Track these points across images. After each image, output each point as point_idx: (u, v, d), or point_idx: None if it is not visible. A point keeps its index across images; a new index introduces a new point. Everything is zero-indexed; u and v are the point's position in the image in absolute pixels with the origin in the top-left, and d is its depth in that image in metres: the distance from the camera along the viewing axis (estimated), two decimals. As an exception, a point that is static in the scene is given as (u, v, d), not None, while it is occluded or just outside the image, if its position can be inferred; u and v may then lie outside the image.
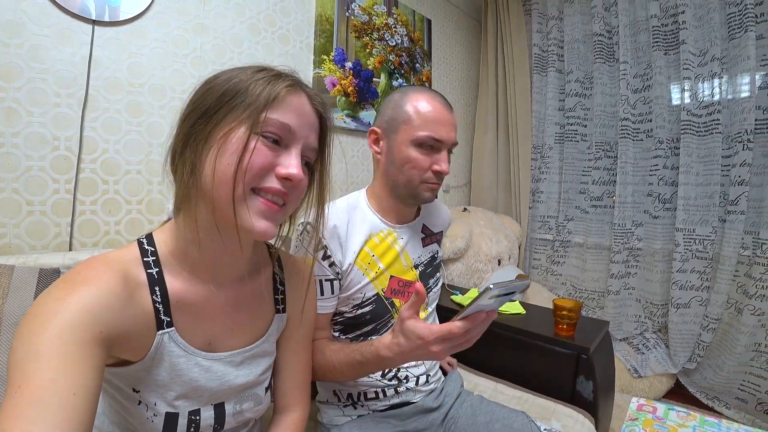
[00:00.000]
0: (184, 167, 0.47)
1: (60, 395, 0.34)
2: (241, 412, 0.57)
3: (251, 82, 0.47)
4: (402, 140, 0.80)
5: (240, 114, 0.46)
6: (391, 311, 0.84)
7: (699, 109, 1.70)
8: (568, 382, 1.16)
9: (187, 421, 0.51)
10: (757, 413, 1.58)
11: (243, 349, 0.57)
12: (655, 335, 1.86)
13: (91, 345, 0.38)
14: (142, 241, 0.51)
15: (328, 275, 0.78)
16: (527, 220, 2.23)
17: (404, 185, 0.81)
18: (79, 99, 1.04)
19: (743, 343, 1.59)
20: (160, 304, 0.48)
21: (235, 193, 0.45)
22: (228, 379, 0.55)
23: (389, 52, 1.84)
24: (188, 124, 0.48)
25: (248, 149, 0.45)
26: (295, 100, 0.49)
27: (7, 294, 0.69)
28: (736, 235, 1.60)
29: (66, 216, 1.03)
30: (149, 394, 0.49)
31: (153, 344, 0.48)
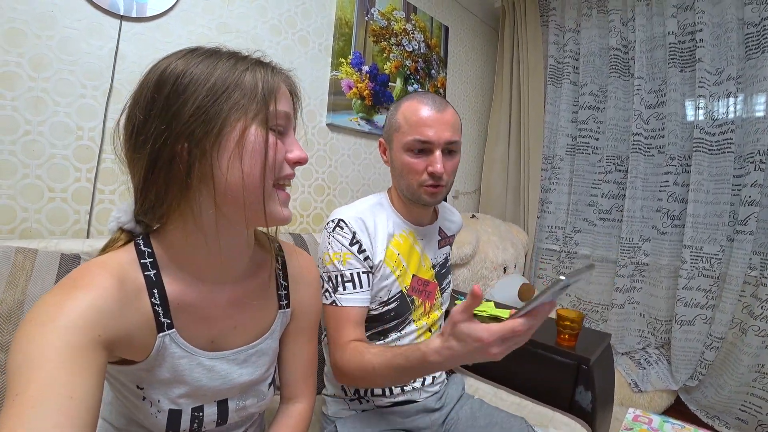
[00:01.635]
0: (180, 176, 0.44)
1: (58, 400, 0.33)
2: (244, 408, 0.58)
3: (242, 73, 0.45)
4: (396, 148, 0.83)
5: (246, 110, 0.45)
6: (411, 309, 0.86)
7: (712, 128, 1.70)
8: (567, 392, 1.17)
9: (191, 417, 0.52)
10: (758, 435, 1.57)
11: (246, 347, 0.57)
12: (658, 351, 1.86)
13: (90, 349, 0.38)
14: (138, 243, 0.49)
15: (364, 268, 0.79)
16: (535, 230, 2.24)
17: (407, 189, 0.84)
18: (104, 91, 1.07)
19: (746, 364, 1.58)
20: (159, 307, 0.48)
21: (266, 190, 0.46)
22: (231, 378, 0.55)
23: (406, 58, 1.86)
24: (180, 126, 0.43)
25: (271, 147, 0.46)
26: (282, 85, 0.49)
27: (30, 277, 0.72)
28: (744, 255, 1.60)
29: (85, 204, 1.06)
30: (152, 392, 0.50)
31: (154, 346, 0.48)
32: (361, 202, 0.88)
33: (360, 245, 0.79)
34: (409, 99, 0.83)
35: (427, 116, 0.79)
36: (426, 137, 0.78)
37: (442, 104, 0.82)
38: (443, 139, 0.79)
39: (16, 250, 0.74)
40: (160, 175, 0.45)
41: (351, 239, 0.79)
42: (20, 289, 0.70)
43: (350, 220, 0.80)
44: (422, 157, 0.80)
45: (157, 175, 0.45)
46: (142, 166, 0.45)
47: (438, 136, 0.79)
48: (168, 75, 0.44)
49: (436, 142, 0.79)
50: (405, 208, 0.89)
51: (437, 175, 0.79)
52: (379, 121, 1.75)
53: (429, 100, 0.81)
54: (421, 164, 0.80)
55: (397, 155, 0.83)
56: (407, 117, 0.80)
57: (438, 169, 0.78)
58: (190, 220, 0.47)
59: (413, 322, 0.87)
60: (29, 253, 0.74)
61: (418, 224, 0.91)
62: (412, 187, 0.82)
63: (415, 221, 0.90)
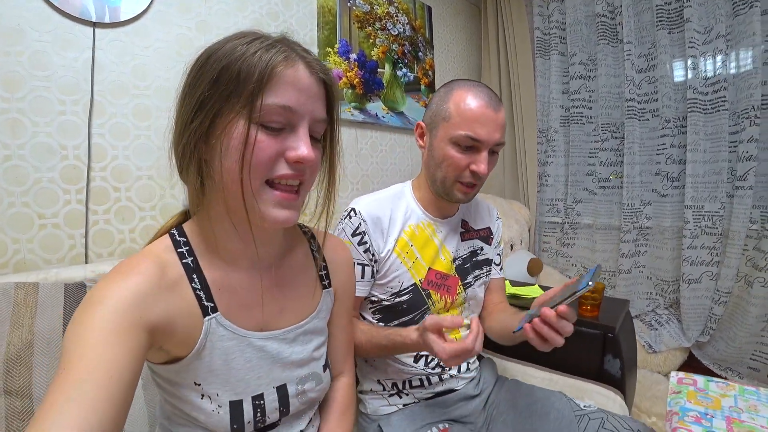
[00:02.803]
0: (189, 166, 0.46)
1: (98, 380, 0.36)
2: (304, 393, 0.57)
3: (242, 60, 0.43)
4: (441, 137, 0.79)
5: (235, 103, 0.43)
6: (427, 303, 0.84)
7: (705, 87, 1.70)
8: (595, 362, 1.18)
9: (252, 406, 0.52)
10: (771, 382, 1.62)
11: (295, 326, 0.57)
12: (667, 311, 1.89)
13: (131, 330, 0.40)
14: (173, 233, 0.51)
15: (362, 260, 0.81)
16: (535, 204, 2.23)
17: (440, 181, 0.81)
18: (84, 105, 0.99)
19: (754, 315, 1.62)
20: (201, 291, 0.49)
21: (244, 191, 0.44)
22: (283, 357, 0.55)
23: (392, 42, 1.80)
24: (185, 118, 0.45)
25: (249, 144, 0.43)
26: (291, 73, 0.45)
27: (35, 314, 0.67)
28: (745, 209, 1.62)
29: (79, 227, 1.00)
30: (210, 386, 0.49)
31: (202, 332, 0.48)
32: (382, 191, 0.89)
33: (362, 237, 0.80)
34: (462, 87, 0.78)
35: (482, 114, 0.75)
36: (478, 135, 0.75)
37: (497, 103, 0.78)
38: (493, 140, 0.76)
39: (16, 286, 0.68)
40: (185, 166, 0.47)
41: (354, 230, 0.81)
42: (26, 328, 0.65)
43: (362, 210, 0.81)
44: (467, 154, 0.77)
45: (184, 166, 0.47)
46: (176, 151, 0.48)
47: (489, 136, 0.76)
48: (193, 62, 0.46)
49: (486, 143, 0.76)
50: (427, 199, 0.87)
51: (480, 175, 0.77)
52: (371, 110, 1.70)
53: (485, 95, 0.77)
54: (464, 161, 0.77)
55: (440, 145, 0.79)
56: (461, 109, 0.76)
57: (483, 169, 0.76)
58: (215, 208, 0.49)
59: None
60: (30, 288, 0.69)
61: (439, 216, 0.88)
62: (448, 180, 0.80)
63: (437, 213, 0.88)
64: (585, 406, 0.85)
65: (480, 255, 0.94)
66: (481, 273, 0.94)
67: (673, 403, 0.68)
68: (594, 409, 0.85)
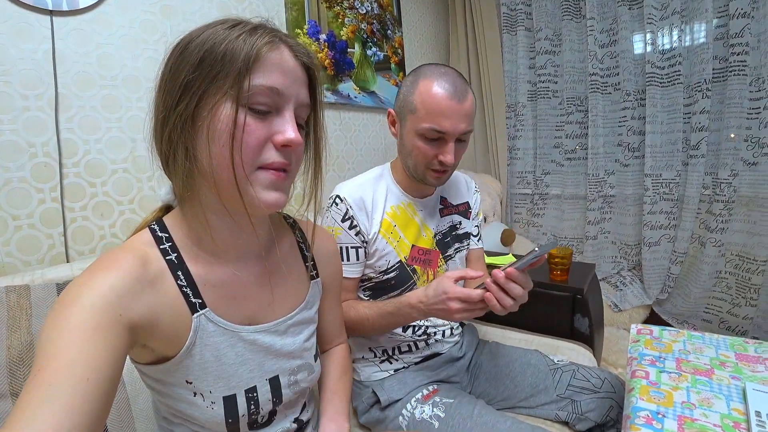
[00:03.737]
0: (176, 153, 0.44)
1: (74, 381, 0.34)
2: (296, 383, 0.58)
3: (227, 43, 0.42)
4: (409, 129, 0.81)
5: (222, 84, 0.42)
6: (413, 277, 0.89)
7: (662, 62, 1.79)
8: (566, 321, 1.28)
9: (246, 399, 0.52)
10: (720, 330, 1.79)
11: (284, 318, 0.57)
12: (631, 273, 2.04)
13: (110, 328, 0.38)
14: (154, 228, 0.49)
15: (355, 243, 0.84)
16: (506, 177, 2.31)
17: (413, 168, 0.84)
18: (49, 99, 0.96)
19: (707, 272, 1.77)
20: (187, 287, 0.47)
21: (236, 175, 0.43)
22: (275, 349, 0.55)
23: (361, 21, 1.78)
24: (169, 103, 0.43)
25: (239, 126, 0.42)
26: (276, 56, 0.44)
27: (31, 315, 0.67)
28: (698, 176, 1.75)
29: (57, 226, 0.98)
30: (202, 383, 0.49)
31: (191, 329, 0.47)
32: (363, 176, 0.91)
33: (352, 221, 0.83)
34: (428, 77, 0.78)
35: (446, 106, 0.76)
36: (443, 128, 0.76)
37: (463, 91, 0.77)
38: (459, 131, 0.78)
39: (6, 290, 0.68)
40: (171, 153, 0.45)
41: (343, 216, 0.83)
42: (24, 330, 0.65)
43: (347, 196, 0.84)
44: (434, 145, 0.79)
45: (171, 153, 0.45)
46: (158, 141, 0.46)
47: (454, 127, 0.77)
48: (172, 49, 0.45)
49: (452, 134, 0.77)
50: (406, 181, 0.90)
51: (447, 165, 0.80)
52: (343, 90, 1.70)
53: (449, 84, 0.77)
54: (431, 151, 0.79)
55: (408, 136, 0.82)
56: (425, 101, 0.77)
57: (449, 160, 0.78)
58: (200, 197, 0.47)
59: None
60: (22, 291, 0.69)
61: (418, 196, 0.92)
62: (419, 168, 0.83)
63: (415, 193, 0.91)
64: (558, 361, 0.95)
65: (459, 229, 0.98)
66: (461, 246, 0.99)
67: (633, 350, 0.77)
68: (566, 363, 0.94)
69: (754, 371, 0.68)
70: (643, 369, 0.69)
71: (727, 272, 1.77)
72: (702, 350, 0.74)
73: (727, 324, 1.77)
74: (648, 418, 0.57)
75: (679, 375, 0.67)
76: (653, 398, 0.61)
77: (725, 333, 1.76)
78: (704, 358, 0.72)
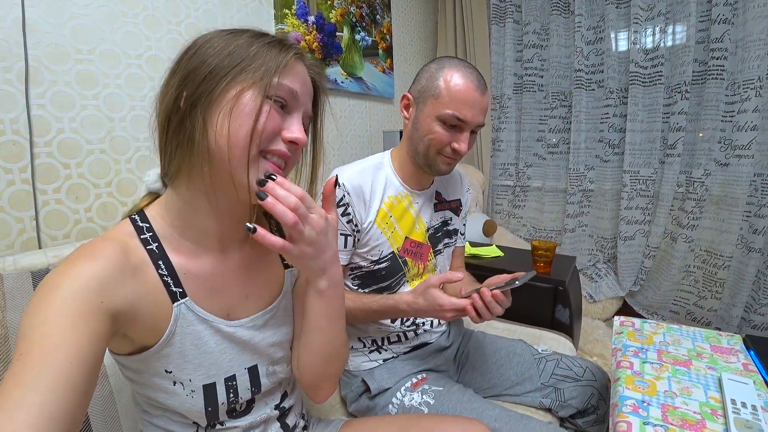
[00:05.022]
0: (186, 132, 0.46)
1: (57, 364, 0.35)
2: (274, 373, 0.59)
3: (260, 46, 0.47)
4: (428, 113, 0.81)
5: (250, 76, 0.46)
6: (404, 269, 0.89)
7: (645, 61, 1.84)
8: (547, 311, 1.33)
9: (225, 388, 0.53)
10: (687, 321, 1.89)
11: (262, 312, 0.57)
12: (606, 265, 2.12)
13: (91, 315, 0.39)
14: (134, 218, 0.50)
15: (345, 230, 0.84)
16: (489, 169, 2.34)
17: (423, 154, 0.84)
18: (18, 73, 0.89)
19: (677, 266, 1.86)
20: (168, 277, 0.48)
21: (250, 154, 0.45)
22: (254, 342, 0.56)
23: (350, 4, 1.74)
24: (193, 86, 0.46)
25: (263, 111, 0.46)
26: (300, 68, 0.50)
27: (5, 307, 0.63)
28: (673, 174, 1.82)
29: (28, 209, 0.92)
30: (181, 372, 0.49)
31: (171, 318, 0.48)
32: (362, 162, 0.90)
33: (346, 209, 0.82)
34: (453, 67, 0.80)
35: (470, 96, 0.79)
36: (464, 116, 0.79)
37: (484, 86, 0.82)
38: (476, 122, 0.80)
39: (-24, 279, 0.63)
40: (172, 133, 0.47)
41: (338, 202, 0.82)
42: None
43: (346, 182, 0.83)
44: (450, 132, 0.81)
45: (171, 133, 0.47)
46: (161, 122, 0.48)
47: (474, 118, 0.80)
48: (195, 42, 0.48)
49: (470, 124, 0.80)
50: (406, 171, 0.89)
51: (460, 153, 0.82)
52: (331, 75, 1.66)
53: (474, 77, 0.80)
54: (447, 138, 0.81)
55: (426, 120, 0.82)
56: (451, 89, 0.79)
57: (463, 149, 0.81)
58: (194, 178, 0.48)
59: (407, 283, 0.91)
60: (-7, 279, 0.64)
61: (416, 188, 0.91)
62: (431, 153, 0.83)
63: (414, 185, 0.91)
64: (542, 350, 0.98)
65: (450, 225, 0.99)
66: (450, 242, 1.00)
67: (617, 342, 0.80)
68: (550, 353, 0.97)
69: (728, 362, 0.72)
70: (628, 360, 0.72)
71: (695, 267, 1.86)
72: (680, 342, 0.78)
73: (693, 315, 1.87)
74: (635, 406, 0.60)
75: (661, 365, 0.70)
76: (638, 387, 0.64)
77: (691, 324, 1.87)
78: (682, 349, 0.76)
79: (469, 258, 1.55)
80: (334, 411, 0.95)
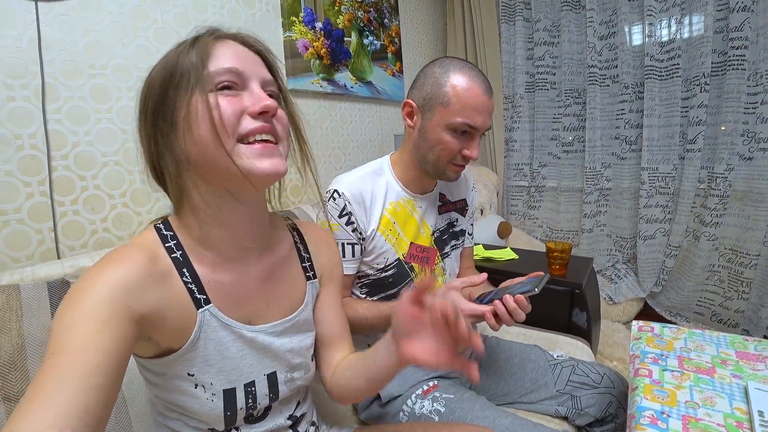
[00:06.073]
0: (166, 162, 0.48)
1: (86, 365, 0.37)
2: (292, 380, 0.59)
3: (178, 55, 0.46)
4: (437, 122, 0.79)
5: (184, 84, 0.45)
6: (411, 275, 0.88)
7: (661, 54, 1.78)
8: (564, 315, 1.29)
9: (244, 393, 0.54)
10: (712, 323, 1.82)
11: (282, 320, 0.58)
12: (625, 265, 2.06)
13: (120, 319, 0.40)
14: (159, 227, 0.51)
15: (351, 239, 0.83)
16: (503, 169, 2.31)
17: (432, 163, 0.83)
18: (35, 89, 0.92)
19: (700, 266, 1.79)
20: (192, 284, 0.49)
21: (226, 148, 0.45)
22: (273, 348, 0.57)
23: (357, 9, 1.74)
24: (150, 127, 0.47)
25: (213, 107, 0.44)
26: (224, 47, 0.48)
27: (22, 316, 0.65)
28: (694, 170, 1.75)
29: (46, 221, 0.95)
30: (204, 375, 0.50)
31: (196, 324, 0.49)
32: (361, 169, 0.89)
33: (349, 217, 0.82)
34: (458, 71, 0.78)
35: (481, 102, 0.77)
36: (475, 123, 0.77)
37: (490, 89, 0.80)
38: (486, 126, 0.80)
39: (-5, 290, 0.65)
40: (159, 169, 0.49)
41: (341, 211, 0.82)
42: (15, 332, 0.63)
43: (345, 190, 0.82)
44: (461, 139, 0.79)
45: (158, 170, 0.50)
46: (150, 169, 0.51)
47: (484, 123, 0.79)
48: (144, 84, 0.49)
49: (481, 129, 0.79)
50: (408, 176, 0.88)
51: (472, 159, 0.81)
52: (340, 80, 1.66)
53: (480, 80, 0.78)
54: (458, 146, 0.80)
55: (435, 129, 0.80)
56: (461, 95, 0.76)
57: (475, 155, 0.80)
58: (193, 201, 0.49)
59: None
60: (11, 291, 0.66)
61: (419, 192, 0.90)
62: (441, 162, 0.82)
63: (417, 190, 0.90)
64: (558, 356, 0.95)
65: (456, 226, 0.98)
66: (457, 243, 0.98)
67: (635, 348, 0.77)
68: (566, 358, 0.94)
69: (755, 369, 0.68)
70: (646, 367, 0.69)
71: (720, 266, 1.78)
72: (703, 348, 0.75)
73: (719, 317, 1.80)
74: (653, 417, 0.57)
75: (682, 373, 0.67)
76: (657, 397, 0.61)
77: (717, 326, 1.79)
78: (705, 356, 0.72)
79: (482, 261, 1.53)
80: (345, 418, 0.95)
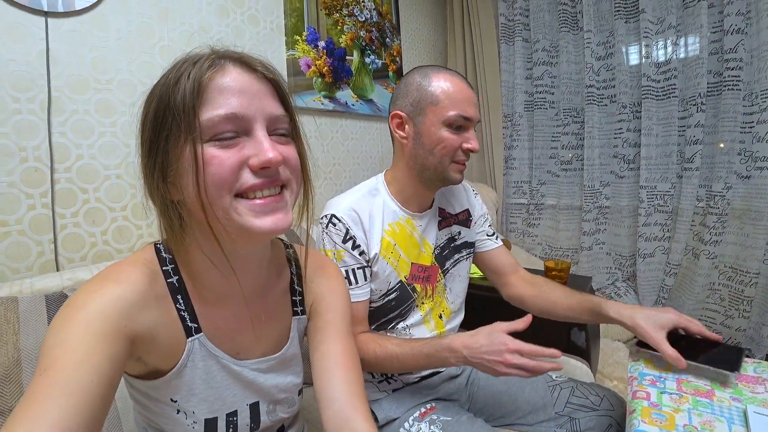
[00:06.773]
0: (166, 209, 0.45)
1: (80, 381, 0.36)
2: (274, 411, 0.58)
3: (172, 85, 0.41)
4: (432, 121, 0.80)
5: (178, 132, 0.41)
6: (413, 296, 0.87)
7: (657, 75, 1.81)
8: (563, 335, 1.28)
9: (226, 423, 0.53)
10: (713, 343, 1.80)
11: (268, 357, 0.57)
12: (625, 284, 2.05)
13: (113, 337, 0.40)
14: (158, 248, 0.50)
15: (360, 263, 0.81)
16: (502, 187, 2.31)
17: (434, 167, 0.81)
18: (41, 103, 0.94)
19: (700, 284, 1.78)
20: (185, 312, 0.49)
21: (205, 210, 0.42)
22: (258, 382, 0.56)
23: (360, 28, 1.78)
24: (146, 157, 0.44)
25: (199, 164, 0.40)
26: (223, 80, 0.42)
27: (19, 330, 0.65)
28: (692, 189, 1.76)
29: (47, 232, 0.95)
30: (187, 403, 0.50)
31: (184, 352, 0.48)
32: (354, 191, 0.87)
33: (354, 241, 0.79)
34: (438, 72, 0.81)
35: (467, 93, 0.80)
36: (468, 114, 0.79)
37: (470, 84, 0.84)
38: (477, 118, 0.82)
39: (-7, 302, 0.65)
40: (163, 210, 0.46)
41: (344, 236, 0.79)
42: (12, 345, 0.63)
43: (343, 214, 0.80)
44: (458, 134, 0.80)
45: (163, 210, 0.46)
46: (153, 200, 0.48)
47: (475, 113, 0.81)
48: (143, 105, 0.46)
49: (474, 120, 0.81)
50: (405, 194, 0.87)
51: (474, 152, 0.82)
52: (341, 98, 1.69)
53: (460, 77, 0.82)
54: (457, 140, 0.80)
55: (431, 129, 0.80)
56: (448, 92, 0.79)
57: (476, 146, 0.81)
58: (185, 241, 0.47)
59: (417, 308, 0.88)
60: (9, 303, 0.66)
61: (417, 210, 0.89)
62: (444, 163, 0.81)
63: (415, 208, 0.88)
64: (557, 377, 0.94)
65: (458, 239, 0.96)
66: (460, 257, 0.96)
67: (633, 370, 0.76)
68: (565, 379, 0.93)
69: (754, 392, 0.67)
70: (644, 390, 0.68)
71: (721, 284, 1.78)
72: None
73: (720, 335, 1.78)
74: (651, 441, 0.57)
75: (680, 396, 0.66)
76: (655, 421, 0.61)
77: (718, 345, 1.77)
78: (704, 378, 0.71)
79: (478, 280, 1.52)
80: (341, 438, 0.93)
